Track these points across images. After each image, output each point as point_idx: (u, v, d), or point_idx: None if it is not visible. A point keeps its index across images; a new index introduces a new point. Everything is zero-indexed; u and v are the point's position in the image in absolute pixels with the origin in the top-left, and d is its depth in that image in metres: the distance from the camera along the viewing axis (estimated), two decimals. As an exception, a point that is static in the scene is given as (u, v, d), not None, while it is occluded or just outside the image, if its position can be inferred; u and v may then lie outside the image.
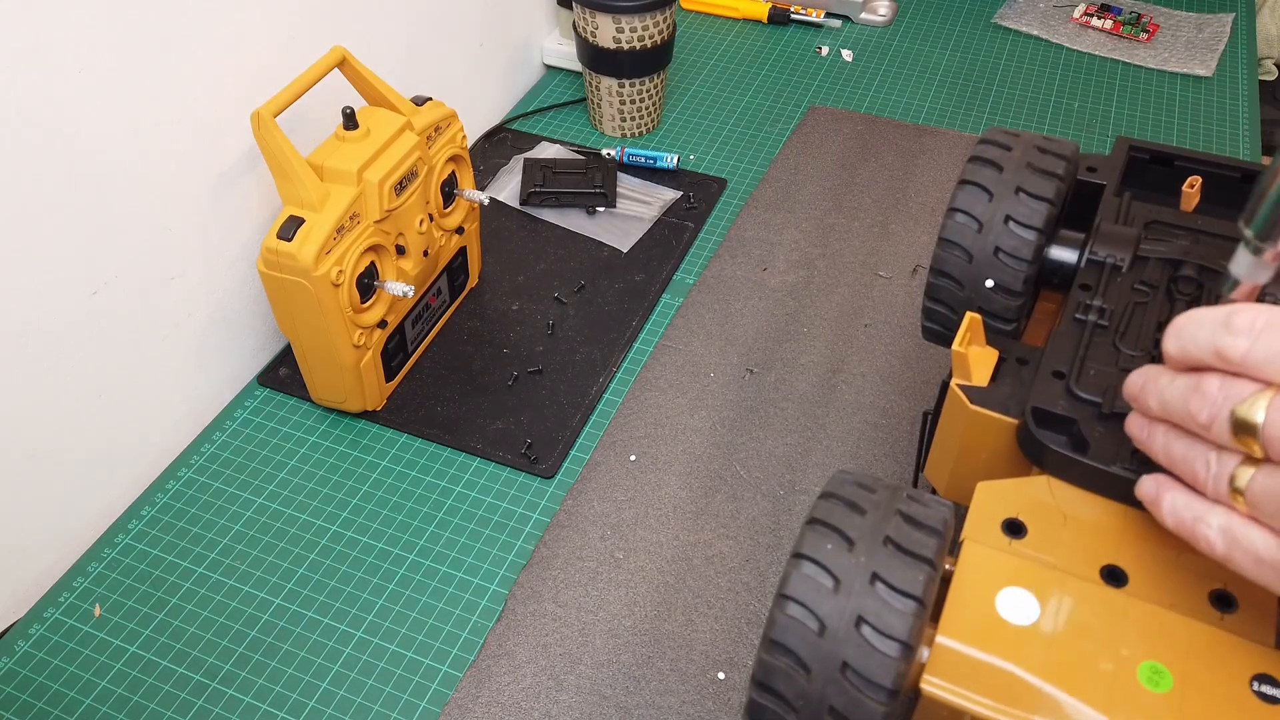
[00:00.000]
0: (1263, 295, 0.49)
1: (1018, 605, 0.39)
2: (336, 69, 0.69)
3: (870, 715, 0.36)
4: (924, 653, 0.38)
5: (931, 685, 0.37)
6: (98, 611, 0.63)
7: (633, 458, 0.70)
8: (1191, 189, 0.54)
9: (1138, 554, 0.40)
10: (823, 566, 0.38)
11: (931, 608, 0.38)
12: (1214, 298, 0.49)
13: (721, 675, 0.59)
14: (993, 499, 0.43)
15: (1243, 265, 0.38)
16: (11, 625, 0.63)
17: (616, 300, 0.82)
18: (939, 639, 0.38)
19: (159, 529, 0.67)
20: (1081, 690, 0.36)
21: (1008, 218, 0.50)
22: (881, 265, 0.85)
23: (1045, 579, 0.40)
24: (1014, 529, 0.42)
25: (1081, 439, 0.43)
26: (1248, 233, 0.37)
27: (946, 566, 0.40)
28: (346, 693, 0.59)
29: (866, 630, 0.36)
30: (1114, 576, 0.40)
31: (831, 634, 0.36)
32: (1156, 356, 0.46)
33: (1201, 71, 1.06)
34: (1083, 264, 0.51)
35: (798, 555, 0.38)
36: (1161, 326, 0.47)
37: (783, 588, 0.38)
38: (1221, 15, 1.15)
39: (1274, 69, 1.58)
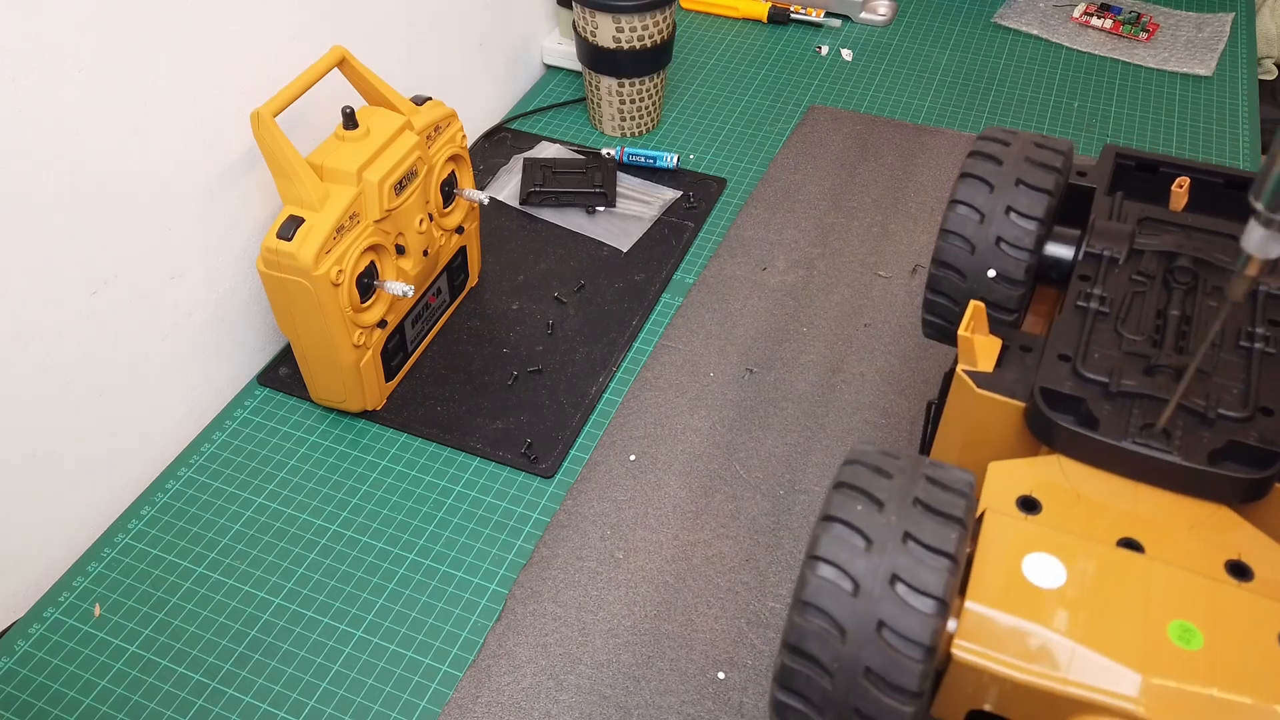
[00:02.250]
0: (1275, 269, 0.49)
1: (1044, 569, 0.39)
2: (336, 69, 0.69)
3: (908, 675, 0.36)
4: (951, 624, 0.38)
5: (963, 650, 0.37)
6: (97, 611, 0.63)
7: (632, 457, 0.70)
8: (1180, 189, 0.54)
9: (1152, 528, 0.41)
10: (854, 527, 0.38)
11: (963, 567, 0.38)
12: (1210, 289, 0.49)
13: (721, 675, 0.59)
14: (1006, 478, 0.43)
15: (1254, 239, 0.38)
16: (11, 625, 0.63)
17: (616, 300, 0.82)
18: (968, 604, 0.38)
19: (159, 529, 0.67)
20: (1114, 649, 0.37)
21: (1009, 208, 0.51)
22: (881, 265, 0.85)
23: (1069, 545, 0.40)
24: (1029, 506, 0.42)
25: (1090, 416, 0.44)
26: (1258, 205, 0.37)
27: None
28: (346, 693, 0.59)
29: (901, 588, 0.36)
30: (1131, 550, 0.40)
31: (866, 593, 0.36)
32: (1158, 341, 0.47)
33: (1201, 71, 1.06)
34: (1080, 257, 0.52)
35: (827, 518, 0.38)
36: (1160, 314, 0.48)
37: (813, 549, 0.38)
38: (1221, 15, 1.15)
39: (1274, 69, 1.58)
